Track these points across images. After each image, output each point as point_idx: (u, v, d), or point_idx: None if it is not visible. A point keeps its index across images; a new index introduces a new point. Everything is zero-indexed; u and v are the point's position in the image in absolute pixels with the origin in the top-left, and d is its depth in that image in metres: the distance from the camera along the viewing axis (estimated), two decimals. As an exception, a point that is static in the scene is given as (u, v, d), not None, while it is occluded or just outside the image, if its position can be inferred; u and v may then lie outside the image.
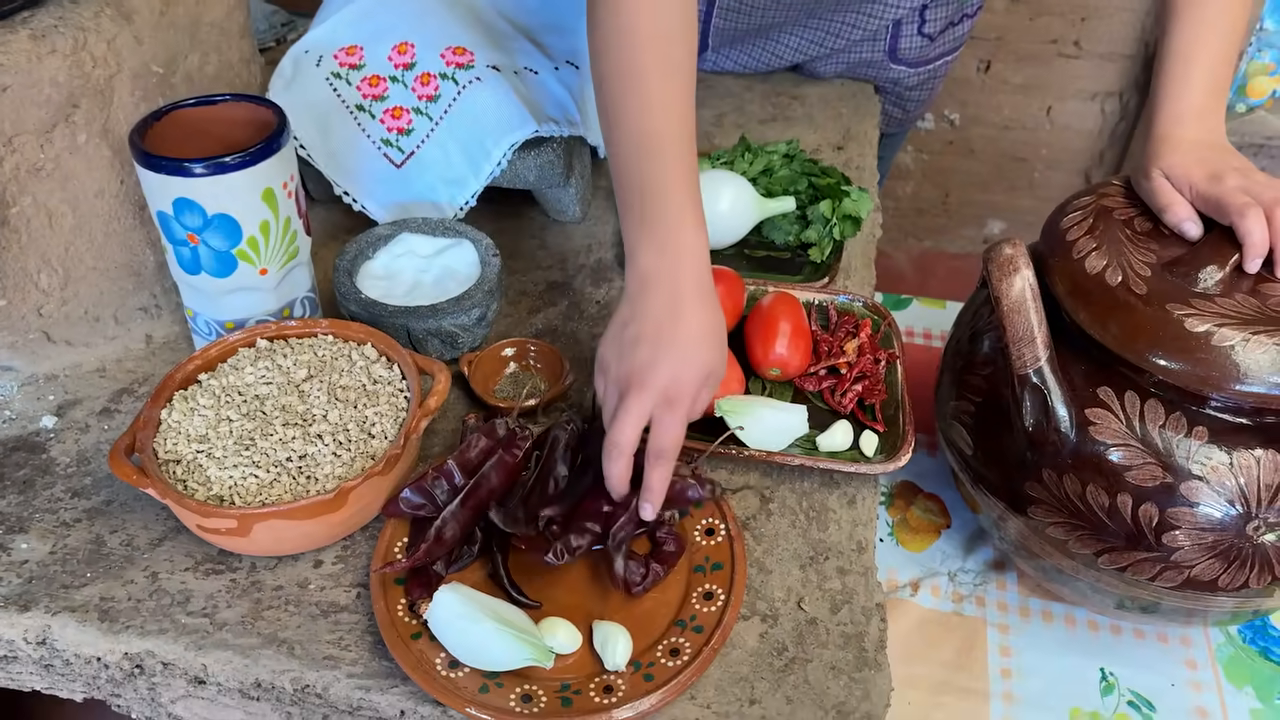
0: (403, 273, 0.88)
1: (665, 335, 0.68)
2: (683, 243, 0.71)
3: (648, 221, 0.71)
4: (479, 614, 0.63)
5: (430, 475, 0.71)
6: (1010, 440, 0.79)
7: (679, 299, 0.70)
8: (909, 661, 0.87)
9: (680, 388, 0.68)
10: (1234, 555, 0.72)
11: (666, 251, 0.71)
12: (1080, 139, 2.28)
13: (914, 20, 1.23)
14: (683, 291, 0.70)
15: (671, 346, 0.68)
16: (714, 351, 0.71)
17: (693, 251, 0.71)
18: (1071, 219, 0.81)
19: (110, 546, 0.72)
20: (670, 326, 0.69)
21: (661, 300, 0.70)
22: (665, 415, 0.67)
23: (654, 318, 0.69)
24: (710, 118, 1.25)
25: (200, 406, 0.73)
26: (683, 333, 0.69)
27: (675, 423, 0.67)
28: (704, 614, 0.68)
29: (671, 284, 0.70)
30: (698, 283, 0.71)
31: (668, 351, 0.68)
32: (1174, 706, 0.85)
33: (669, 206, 0.71)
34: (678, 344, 0.68)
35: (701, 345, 0.70)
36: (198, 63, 0.87)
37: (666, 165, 0.71)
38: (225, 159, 0.72)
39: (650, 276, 0.71)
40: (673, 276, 0.70)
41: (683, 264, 0.71)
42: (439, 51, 0.94)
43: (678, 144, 0.72)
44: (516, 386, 0.86)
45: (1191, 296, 0.72)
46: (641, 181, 0.72)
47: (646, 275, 0.71)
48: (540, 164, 0.97)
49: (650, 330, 0.69)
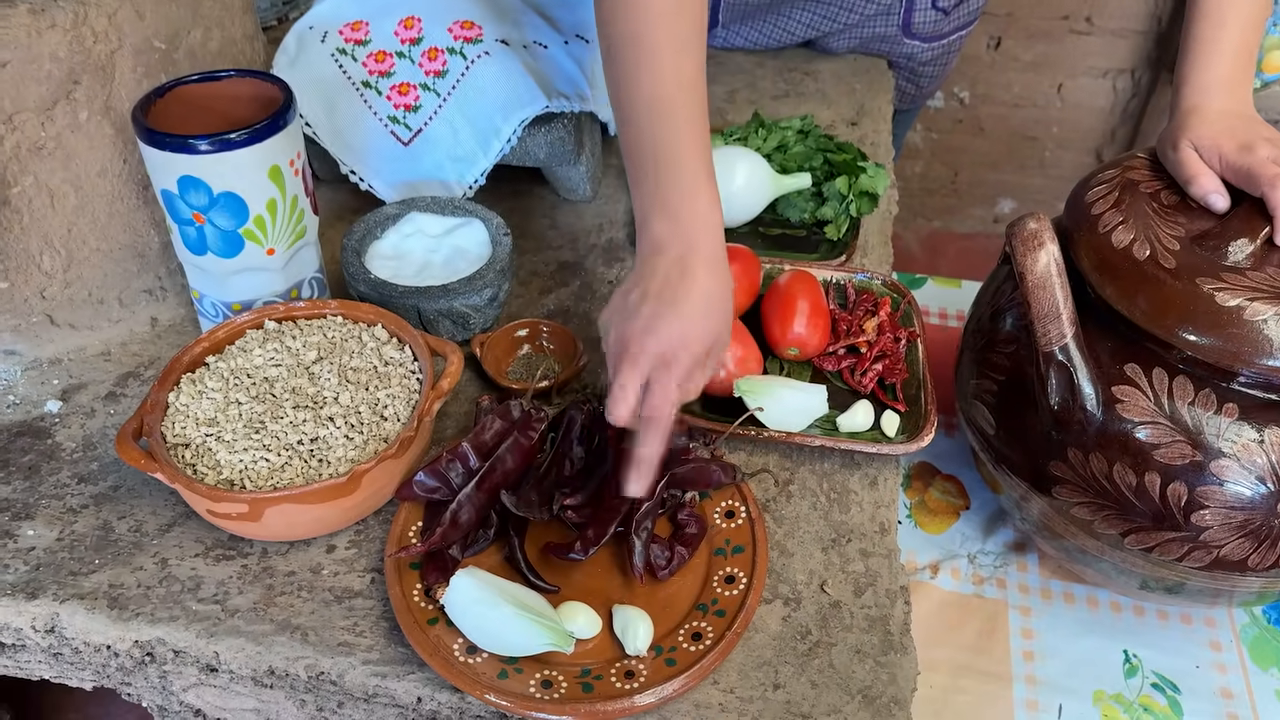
0: (412, 253, 0.87)
1: (668, 295, 0.65)
2: (697, 211, 0.69)
3: (661, 188, 0.69)
4: (497, 598, 0.62)
5: (445, 458, 0.69)
6: (1034, 419, 0.77)
7: (689, 264, 0.67)
8: (930, 645, 0.85)
9: (679, 350, 0.65)
10: (1264, 534, 0.71)
11: (681, 219, 0.68)
12: (1092, 117, 2.25)
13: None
14: (694, 258, 0.67)
15: (673, 306, 0.65)
16: (720, 319, 0.68)
17: (706, 221, 0.69)
18: (1097, 192, 0.79)
19: (118, 533, 0.71)
20: (675, 288, 0.66)
21: (670, 264, 0.67)
22: (661, 377, 0.64)
23: (661, 278, 0.66)
24: (722, 94, 1.23)
25: (209, 389, 0.71)
26: (687, 294, 0.66)
27: (670, 386, 0.64)
28: (726, 598, 0.66)
29: (682, 249, 0.68)
30: (711, 251, 0.68)
31: (670, 310, 0.65)
32: (1198, 688, 0.84)
33: (683, 175, 0.68)
34: (679, 304, 0.65)
35: (708, 310, 0.67)
36: (200, 38, 0.85)
37: (680, 133, 0.69)
38: (231, 135, 0.70)
39: (662, 242, 0.68)
40: (685, 242, 0.68)
41: (696, 232, 0.68)
42: (446, 25, 0.92)
43: (691, 110, 0.70)
44: (529, 368, 0.84)
45: (1222, 270, 0.70)
46: (655, 149, 0.69)
47: (658, 241, 0.68)
48: (550, 141, 0.96)
49: (655, 289, 0.66)
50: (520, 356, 0.86)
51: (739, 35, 1.30)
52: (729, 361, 0.79)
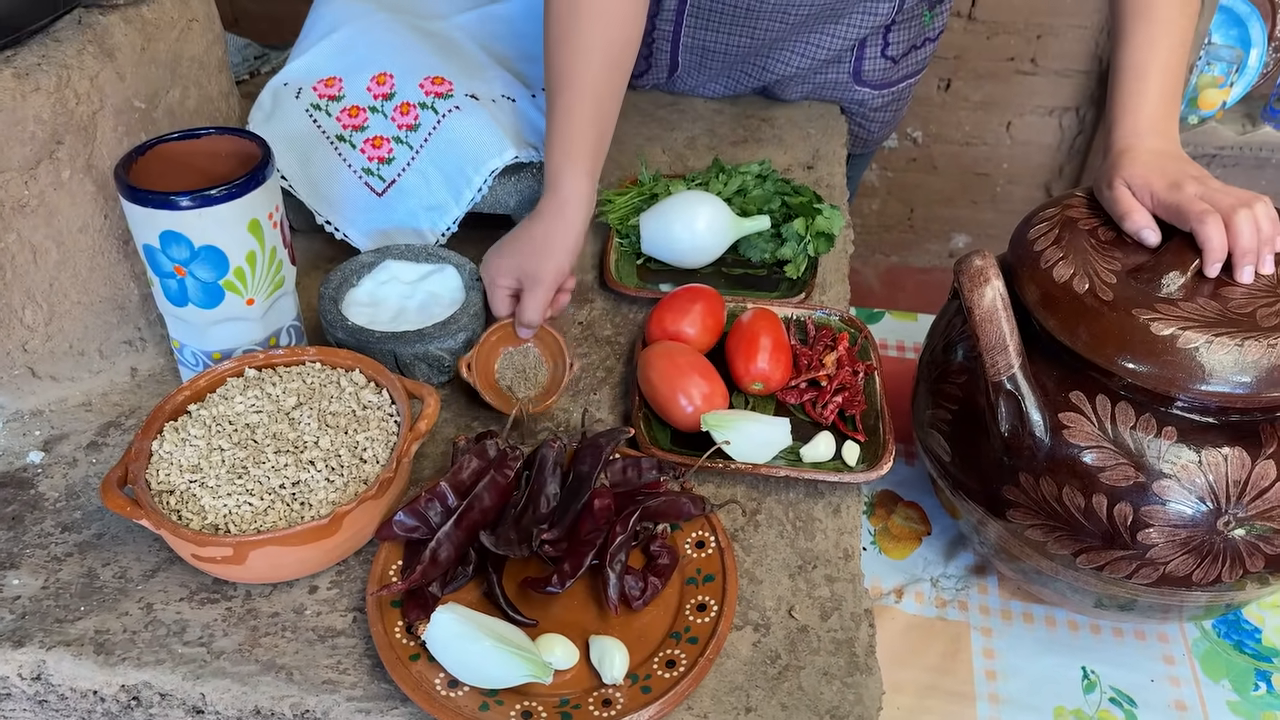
0: (387, 299, 0.89)
1: (524, 236, 0.91)
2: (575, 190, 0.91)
3: (573, 156, 0.91)
4: (476, 633, 0.64)
5: (423, 498, 0.72)
6: (987, 446, 0.81)
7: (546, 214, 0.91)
8: (896, 667, 0.88)
9: (531, 273, 0.89)
10: (1206, 550, 0.75)
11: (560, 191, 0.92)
12: (1040, 153, 2.33)
13: (878, 42, 1.26)
14: (556, 216, 0.91)
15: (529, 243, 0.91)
16: (554, 255, 0.90)
17: (575, 194, 0.91)
18: (1038, 230, 0.83)
19: (103, 579, 0.72)
20: (531, 231, 0.91)
21: (535, 216, 0.92)
22: (529, 289, 0.89)
23: (527, 224, 0.92)
24: (683, 140, 1.28)
25: (191, 437, 0.73)
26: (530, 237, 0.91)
27: (531, 296, 0.89)
28: (698, 625, 0.69)
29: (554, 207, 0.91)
30: (569, 214, 0.91)
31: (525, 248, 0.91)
32: (1154, 701, 0.87)
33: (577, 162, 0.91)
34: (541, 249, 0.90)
35: (546, 248, 0.90)
36: (179, 97, 0.88)
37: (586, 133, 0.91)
38: (211, 191, 0.73)
39: (543, 203, 0.92)
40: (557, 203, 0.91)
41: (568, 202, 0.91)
42: (418, 81, 0.96)
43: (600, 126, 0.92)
44: (514, 369, 0.88)
45: (1156, 301, 0.75)
46: (568, 127, 0.90)
47: (542, 203, 0.92)
48: (520, 190, 0.99)
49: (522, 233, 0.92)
50: (504, 356, 0.89)
51: (696, 82, 1.35)
52: (696, 398, 0.83)
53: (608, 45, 0.90)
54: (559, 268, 0.90)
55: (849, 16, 1.21)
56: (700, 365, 0.85)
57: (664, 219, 1.02)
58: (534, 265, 0.89)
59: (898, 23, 1.24)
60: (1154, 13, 0.86)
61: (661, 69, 1.33)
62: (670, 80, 1.35)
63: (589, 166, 0.92)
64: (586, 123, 0.90)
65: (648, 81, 1.37)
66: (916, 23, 1.26)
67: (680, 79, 1.35)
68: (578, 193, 0.91)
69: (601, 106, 0.91)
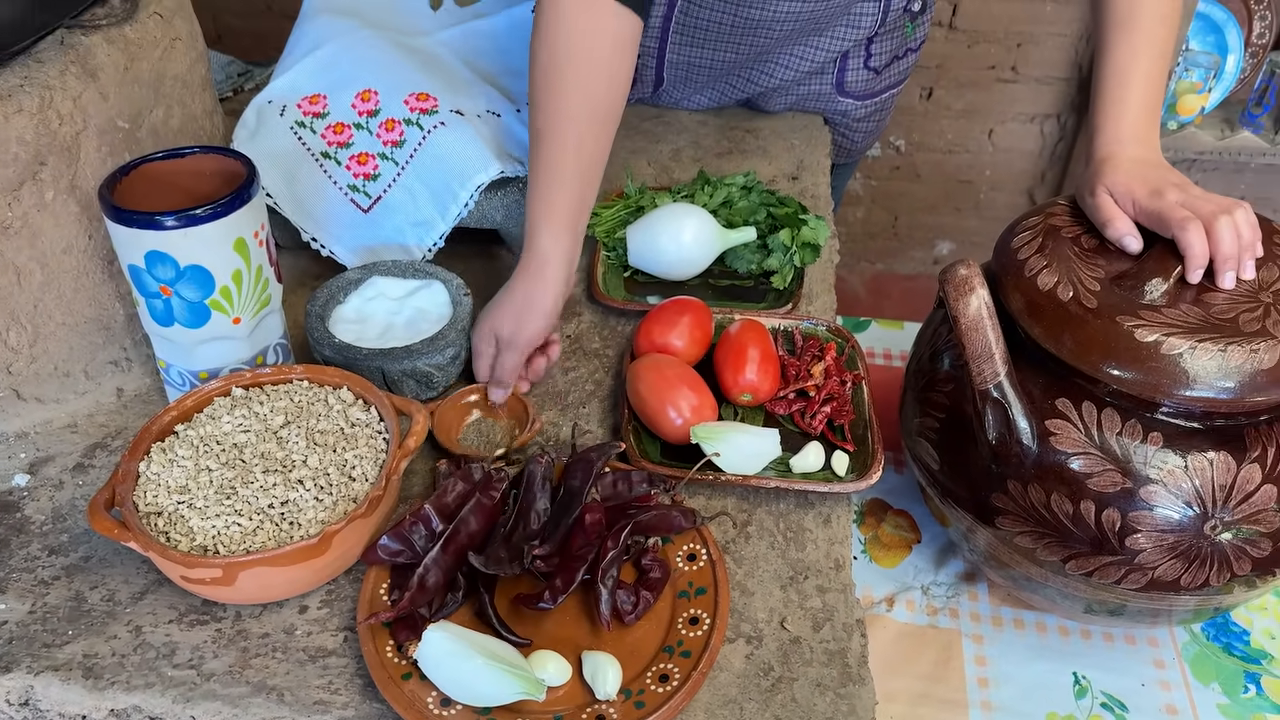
0: (375, 315, 0.89)
1: (505, 298, 0.89)
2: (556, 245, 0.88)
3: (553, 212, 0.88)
4: (468, 651, 0.64)
5: (408, 520, 0.71)
6: (975, 454, 0.81)
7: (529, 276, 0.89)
8: (888, 676, 0.88)
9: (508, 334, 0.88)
10: (1194, 555, 0.75)
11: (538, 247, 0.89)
12: (1022, 160, 2.35)
13: (860, 54, 1.27)
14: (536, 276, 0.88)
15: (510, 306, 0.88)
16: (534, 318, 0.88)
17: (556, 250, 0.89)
18: (1022, 238, 0.84)
19: (91, 603, 0.72)
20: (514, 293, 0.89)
21: (519, 275, 0.90)
22: (505, 350, 0.88)
23: (511, 284, 0.90)
24: (668, 152, 1.28)
25: (179, 457, 0.73)
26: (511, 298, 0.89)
27: (507, 356, 0.88)
28: (690, 639, 0.69)
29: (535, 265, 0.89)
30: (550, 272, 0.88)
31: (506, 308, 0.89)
32: (1145, 705, 0.88)
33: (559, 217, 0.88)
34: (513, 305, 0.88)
35: (527, 309, 0.88)
36: (162, 116, 0.88)
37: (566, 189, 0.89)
38: (197, 211, 0.73)
39: (526, 257, 0.89)
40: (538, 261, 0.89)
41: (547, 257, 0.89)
42: (402, 98, 0.96)
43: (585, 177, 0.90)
44: (480, 434, 0.86)
45: (1139, 308, 0.75)
46: (549, 183, 0.88)
47: (524, 256, 0.89)
48: (507, 204, 0.99)
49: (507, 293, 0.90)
50: (471, 423, 0.87)
51: (682, 95, 1.36)
52: (685, 410, 0.83)
53: (592, 101, 0.87)
54: (535, 332, 0.87)
55: (833, 30, 1.21)
56: (689, 377, 0.85)
57: (650, 232, 1.02)
58: (510, 328, 0.87)
59: (880, 34, 1.25)
60: (1136, 23, 0.87)
61: (647, 84, 1.33)
62: (655, 94, 1.36)
63: (569, 222, 0.88)
64: (568, 177, 0.87)
65: (633, 96, 1.38)
66: (899, 33, 1.27)
67: (665, 93, 1.35)
68: (557, 251, 0.88)
69: (584, 160, 0.88)
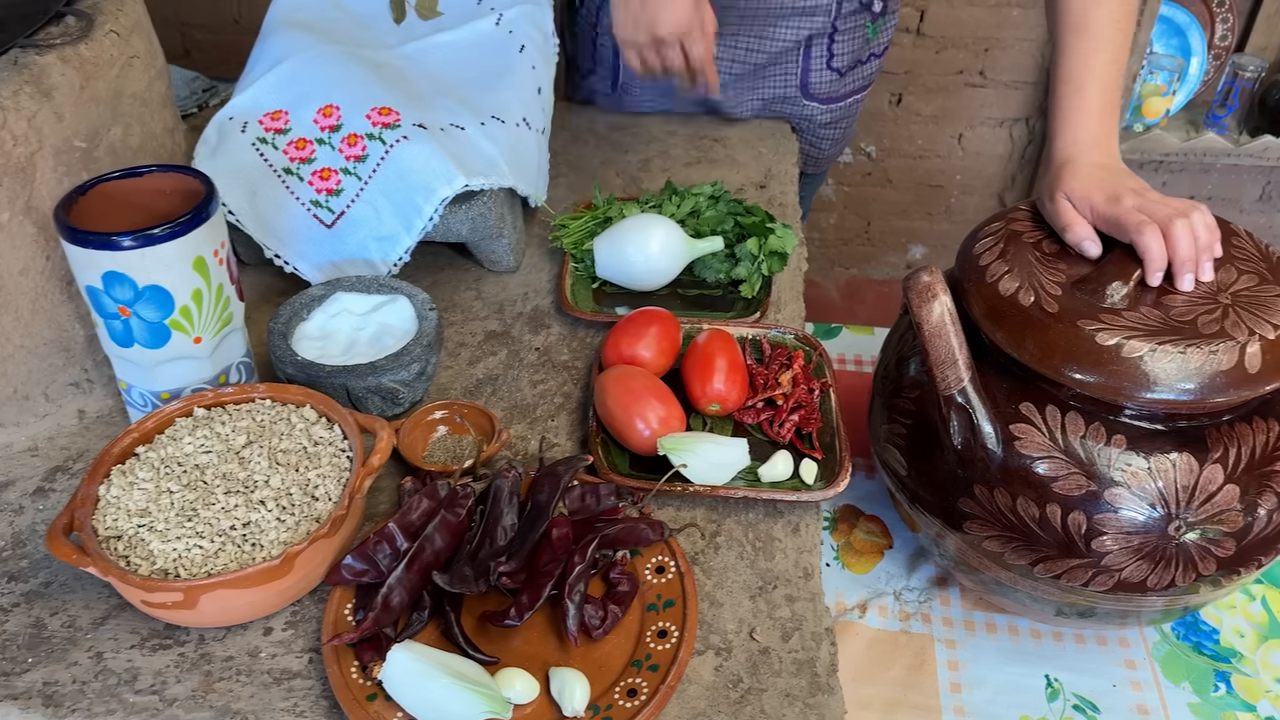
0: (339, 332, 0.89)
1: None
2: None
3: None
4: (433, 670, 0.63)
5: (372, 540, 0.71)
6: (941, 459, 0.81)
7: None
8: (861, 683, 0.88)
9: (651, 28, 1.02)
10: (1159, 556, 0.76)
11: None
12: (992, 164, 2.37)
13: (823, 53, 1.28)
14: None
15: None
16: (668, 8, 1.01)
17: None
18: (983, 244, 0.85)
19: (51, 629, 0.71)
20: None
21: None
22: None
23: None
24: (637, 162, 1.28)
25: (139, 480, 0.72)
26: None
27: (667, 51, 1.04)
28: (659, 652, 0.69)
29: None
30: None
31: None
32: (1117, 706, 0.88)
33: None
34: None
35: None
36: (121, 135, 0.87)
37: None
38: (154, 230, 0.72)
39: None
40: None
41: None
42: (364, 112, 0.95)
43: None
44: (447, 450, 0.85)
45: (1100, 312, 0.76)
46: None
47: None
48: (472, 217, 0.99)
49: None
50: (436, 439, 0.86)
51: (645, 94, 1.36)
52: (653, 421, 0.82)
53: None
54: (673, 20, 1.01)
55: (786, 20, 1.23)
56: (656, 389, 0.85)
57: (618, 242, 1.02)
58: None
59: (841, 31, 1.26)
60: (1090, 28, 0.88)
61: (606, 69, 1.35)
62: (616, 90, 1.36)
63: None
64: None
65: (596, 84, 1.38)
66: (860, 35, 1.28)
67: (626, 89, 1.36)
68: None
69: None
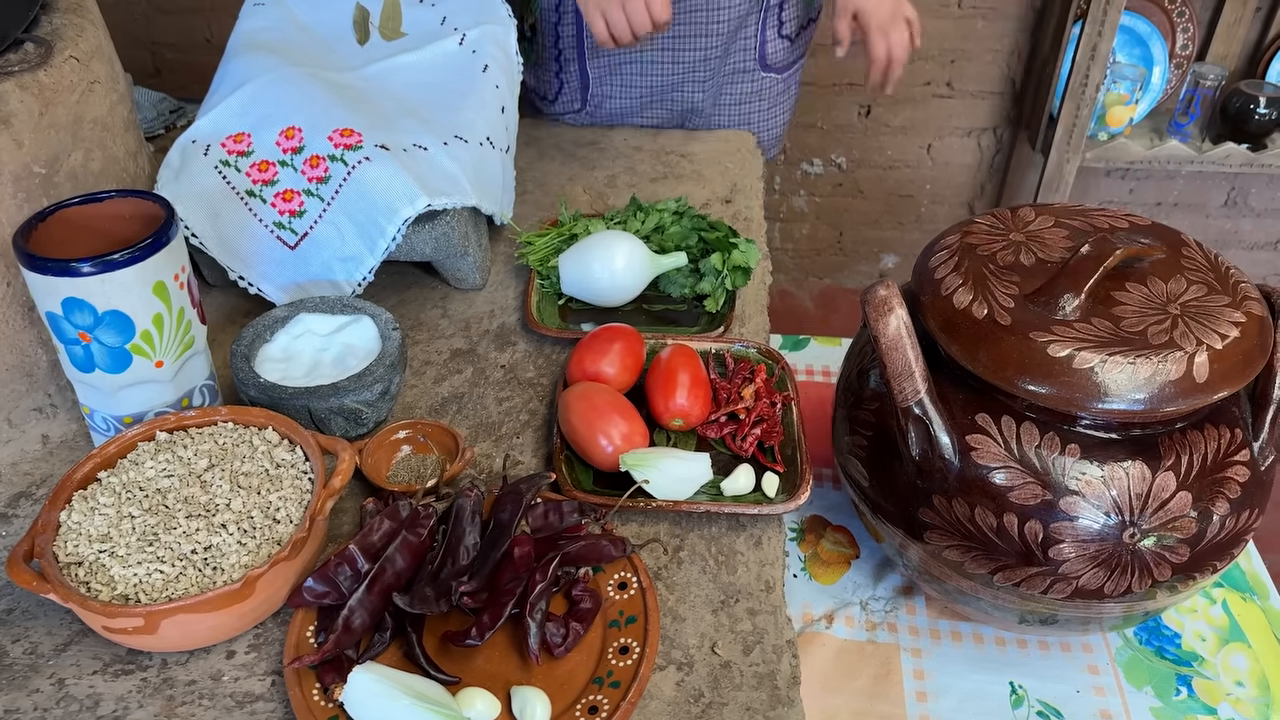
0: (302, 353, 0.89)
1: None
2: None
3: None
4: (394, 691, 0.63)
5: (333, 562, 0.71)
6: (901, 470, 0.82)
7: None
8: (828, 693, 0.89)
9: None
10: (1115, 563, 0.77)
11: None
12: (961, 173, 2.39)
13: (774, 21, 1.36)
14: None
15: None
16: None
17: None
18: (939, 258, 0.86)
19: (13, 656, 0.71)
20: None
21: None
22: None
23: None
24: (603, 178, 1.29)
25: (101, 505, 0.72)
26: None
27: None
28: (620, 669, 0.69)
29: None
30: None
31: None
32: (1080, 712, 0.89)
33: None
34: None
35: None
36: (82, 160, 0.87)
37: None
38: (113, 256, 0.72)
39: None
40: None
41: None
42: (326, 134, 0.96)
43: None
44: (411, 469, 0.86)
45: (1052, 323, 0.77)
46: None
47: None
48: (437, 236, 0.99)
49: None
50: (400, 459, 0.86)
51: (614, 91, 1.37)
52: (616, 438, 0.83)
53: None
54: None
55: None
56: (619, 405, 0.86)
57: (583, 259, 1.03)
58: None
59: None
60: None
61: (574, 89, 1.36)
62: (586, 102, 1.37)
63: None
64: None
65: (563, 107, 1.40)
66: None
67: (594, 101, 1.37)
68: None
69: None
